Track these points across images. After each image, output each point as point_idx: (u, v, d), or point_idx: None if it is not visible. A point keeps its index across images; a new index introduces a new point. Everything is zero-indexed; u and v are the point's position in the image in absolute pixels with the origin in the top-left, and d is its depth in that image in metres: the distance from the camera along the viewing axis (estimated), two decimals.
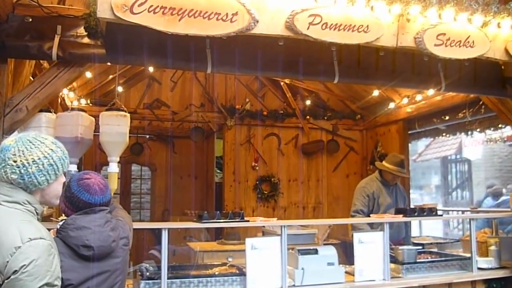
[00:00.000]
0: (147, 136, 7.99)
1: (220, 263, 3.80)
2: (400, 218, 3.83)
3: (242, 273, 3.34)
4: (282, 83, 7.15)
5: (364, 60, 3.50)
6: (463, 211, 6.23)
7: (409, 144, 7.34)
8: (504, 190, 8.74)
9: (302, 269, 3.42)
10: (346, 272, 3.66)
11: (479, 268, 3.99)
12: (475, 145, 11.81)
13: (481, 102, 5.18)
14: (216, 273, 3.45)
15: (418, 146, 14.97)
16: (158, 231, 3.05)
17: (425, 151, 15.00)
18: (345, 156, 7.61)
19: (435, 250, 4.73)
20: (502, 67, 4.06)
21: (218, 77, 7.05)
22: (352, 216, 4.58)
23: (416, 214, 3.90)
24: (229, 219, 3.25)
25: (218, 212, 3.28)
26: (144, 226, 5.09)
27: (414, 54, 3.30)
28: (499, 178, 11.61)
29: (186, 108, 7.39)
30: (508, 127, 6.15)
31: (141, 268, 3.11)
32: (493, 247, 4.21)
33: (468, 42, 3.04)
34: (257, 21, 2.56)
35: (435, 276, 3.79)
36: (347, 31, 2.70)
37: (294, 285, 3.37)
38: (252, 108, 7.14)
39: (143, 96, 7.34)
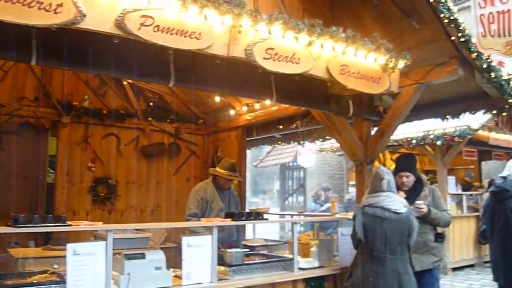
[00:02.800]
0: None
1: (41, 270, 3.55)
2: (228, 221, 3.94)
3: (62, 281, 3.14)
4: (125, 82, 6.94)
5: (200, 66, 3.55)
6: (292, 215, 6.70)
7: (250, 150, 7.65)
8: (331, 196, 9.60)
9: (128, 274, 3.33)
10: (175, 276, 3.68)
11: (300, 268, 4.29)
12: (309, 154, 12.77)
13: (311, 115, 5.62)
14: (35, 281, 3.20)
15: (263, 152, 15.74)
16: None
17: (266, 157, 15.82)
18: (186, 160, 7.65)
19: (265, 252, 4.99)
20: (328, 84, 4.43)
21: (56, 71, 6.56)
22: (187, 220, 4.62)
23: (244, 218, 4.05)
24: (48, 223, 3.03)
25: (36, 215, 3.03)
26: None
27: (249, 65, 3.44)
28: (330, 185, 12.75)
29: (17, 101, 6.76)
30: None
31: None
32: (313, 249, 4.57)
33: (295, 58, 3.26)
34: (85, 16, 2.44)
35: (260, 277, 3.98)
36: (180, 36, 2.71)
37: None
38: (91, 106, 6.80)
39: None
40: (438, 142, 8.83)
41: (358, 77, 3.66)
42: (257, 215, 4.09)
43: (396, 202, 3.90)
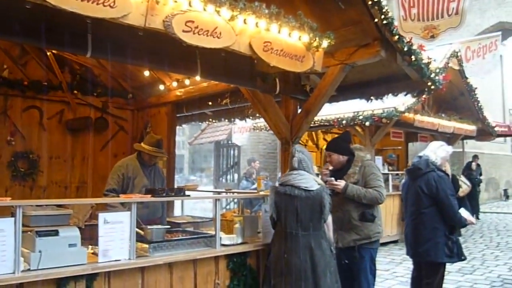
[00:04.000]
0: None
1: None
2: (148, 198, 3.87)
3: None
4: (48, 53, 6.59)
5: (121, 37, 3.40)
6: (219, 192, 6.71)
7: (188, 127, 7.54)
8: (262, 174, 9.69)
9: (40, 252, 3.20)
10: (93, 254, 3.58)
11: (223, 245, 4.31)
12: (243, 132, 12.80)
13: (241, 92, 5.58)
14: None
15: (195, 130, 15.60)
16: None
17: (201, 135, 15.72)
18: (114, 135, 7.43)
19: (191, 229, 4.97)
20: (255, 61, 4.40)
21: None
22: (105, 195, 4.49)
23: (164, 194, 3.99)
24: None
25: None
26: None
27: (172, 38, 3.33)
28: (262, 163, 12.86)
29: None
30: None
31: None
32: (237, 225, 4.59)
33: (216, 32, 3.20)
34: None
35: (181, 254, 3.95)
36: (91, 3, 2.56)
37: (29, 269, 3.14)
38: (11, 76, 6.42)
39: None
40: (367, 123, 9.12)
41: (281, 55, 3.65)
42: (179, 192, 4.05)
43: (307, 179, 3.99)
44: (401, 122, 9.92)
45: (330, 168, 4.63)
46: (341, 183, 4.31)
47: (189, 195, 4.31)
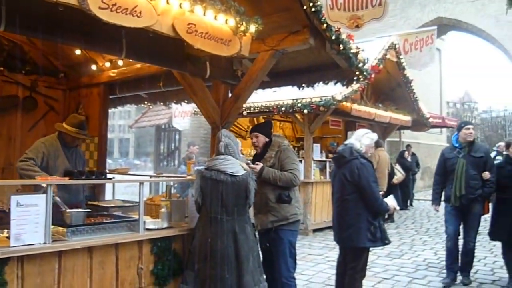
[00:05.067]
0: None
1: None
2: (66, 180, 3.75)
3: None
4: None
5: (39, 10, 3.23)
6: (150, 176, 6.60)
7: (129, 110, 7.34)
8: (200, 158, 9.61)
9: None
10: (7, 238, 3.44)
11: (147, 229, 4.25)
12: (184, 116, 12.66)
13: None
14: None
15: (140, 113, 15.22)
16: None
17: (141, 118, 15.42)
18: (44, 116, 7.12)
19: (119, 213, 4.87)
20: (185, 43, 4.32)
21: None
22: (23, 162, 4.34)
23: (84, 177, 3.88)
24: None
25: None
26: None
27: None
28: (203, 148, 12.77)
29: None
30: None
31: None
32: (163, 210, 4.54)
33: (136, 11, 3.10)
34: None
35: (102, 238, 3.87)
36: None
37: None
38: None
39: None
40: (305, 111, 9.22)
41: (206, 38, 3.61)
42: (100, 175, 3.94)
43: (233, 165, 4.01)
44: (339, 110, 10.11)
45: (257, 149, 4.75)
46: (257, 166, 4.44)
47: (110, 178, 4.21)
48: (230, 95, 5.06)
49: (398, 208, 4.85)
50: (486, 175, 5.82)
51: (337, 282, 4.97)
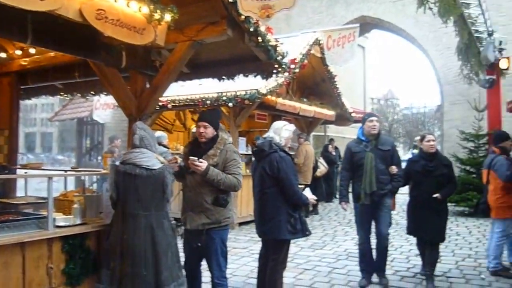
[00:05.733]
0: None
1: None
2: None
3: None
4: None
5: None
6: (66, 171, 6.30)
7: (53, 102, 6.91)
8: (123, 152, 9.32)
9: None
10: None
11: (58, 226, 4.04)
12: (105, 109, 12.22)
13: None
14: None
15: (58, 105, 14.52)
16: None
17: (62, 111, 14.72)
18: None
19: (31, 210, 4.61)
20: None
21: None
22: None
23: None
24: None
25: None
26: None
27: None
28: (125, 142, 12.38)
29: None
30: None
31: None
32: (76, 206, 4.33)
33: None
34: None
35: (5, 237, 3.63)
36: None
37: None
38: None
39: None
40: (230, 104, 9.18)
41: (118, 25, 3.46)
42: (2, 169, 3.69)
43: (149, 158, 3.90)
44: (265, 104, 10.17)
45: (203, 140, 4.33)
46: (203, 165, 4.09)
47: (12, 174, 3.95)
48: (148, 86, 4.90)
49: (315, 199, 4.89)
50: (393, 169, 5.60)
51: (259, 274, 4.97)
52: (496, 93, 11.76)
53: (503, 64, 11.13)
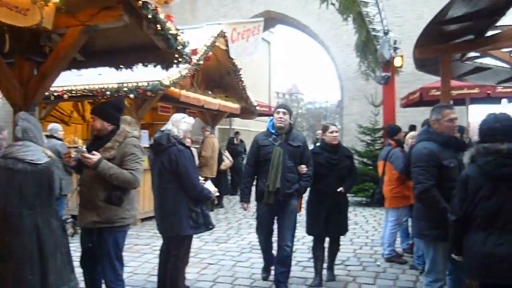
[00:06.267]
0: None
1: None
2: None
3: None
4: None
5: None
6: None
7: None
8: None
9: None
10: None
11: None
12: None
13: None
14: None
15: None
16: None
17: None
18: None
19: None
20: None
21: None
22: None
23: None
24: None
25: None
26: None
27: None
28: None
29: None
30: None
31: None
32: None
33: None
34: None
35: None
36: None
37: None
38: None
39: None
40: (131, 95, 8.81)
41: None
42: None
43: (33, 151, 3.58)
44: (169, 96, 9.91)
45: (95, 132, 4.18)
46: (93, 157, 3.84)
47: None
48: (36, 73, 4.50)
49: (216, 191, 4.80)
50: (303, 168, 5.15)
51: (159, 271, 4.81)
52: (391, 89, 12.44)
53: (397, 62, 11.77)
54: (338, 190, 5.38)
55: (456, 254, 3.42)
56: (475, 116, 13.63)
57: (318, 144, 11.59)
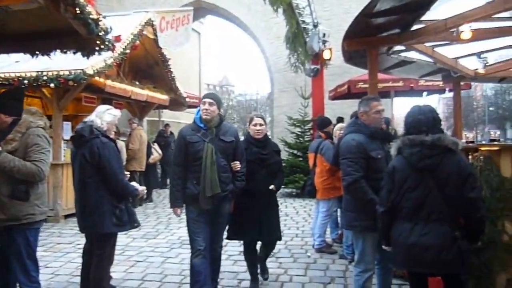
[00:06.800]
0: None
1: None
2: None
3: None
4: None
5: None
6: None
7: None
8: None
9: None
10: None
11: None
12: None
13: None
14: None
15: None
16: None
17: None
18: None
19: None
20: None
21: None
22: None
23: None
24: None
25: None
26: None
27: None
28: None
29: None
30: None
31: None
32: None
33: None
34: None
35: None
36: None
37: None
38: None
39: None
40: (52, 85, 8.30)
41: None
42: None
43: None
44: (93, 87, 9.46)
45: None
46: None
47: None
48: None
49: (144, 189, 4.58)
50: (237, 165, 4.52)
51: (82, 272, 4.54)
52: (319, 82, 12.63)
53: (326, 54, 11.96)
54: (270, 187, 4.89)
55: (385, 244, 3.47)
56: (399, 108, 14.18)
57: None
